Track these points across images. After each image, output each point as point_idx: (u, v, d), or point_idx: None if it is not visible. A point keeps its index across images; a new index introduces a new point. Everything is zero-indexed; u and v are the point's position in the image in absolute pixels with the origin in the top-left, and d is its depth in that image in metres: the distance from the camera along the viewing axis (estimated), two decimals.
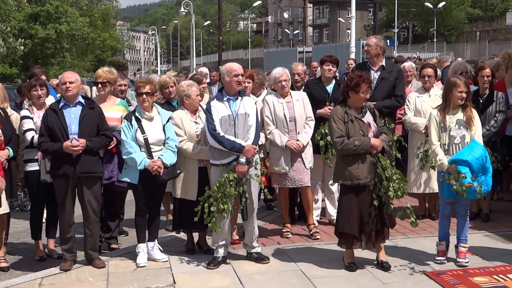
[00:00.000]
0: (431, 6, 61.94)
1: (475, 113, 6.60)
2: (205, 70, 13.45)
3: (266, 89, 9.06)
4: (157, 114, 6.88)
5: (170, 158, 6.74)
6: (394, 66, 8.87)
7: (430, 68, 8.44)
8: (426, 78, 8.35)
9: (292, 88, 7.95)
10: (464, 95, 6.51)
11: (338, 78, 8.73)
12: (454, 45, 61.19)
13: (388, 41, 48.05)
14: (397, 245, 7.21)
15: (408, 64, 10.18)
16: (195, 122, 7.00)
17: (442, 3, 62.20)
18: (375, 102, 7.67)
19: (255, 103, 6.96)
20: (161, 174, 6.65)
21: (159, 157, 6.68)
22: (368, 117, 6.45)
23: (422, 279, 6.24)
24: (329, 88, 8.06)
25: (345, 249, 6.58)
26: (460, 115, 6.57)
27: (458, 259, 6.60)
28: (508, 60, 8.58)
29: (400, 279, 6.25)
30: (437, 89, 8.43)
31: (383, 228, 6.46)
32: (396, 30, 58.80)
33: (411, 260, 6.77)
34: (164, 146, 6.78)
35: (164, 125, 6.82)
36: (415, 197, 8.85)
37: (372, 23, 60.73)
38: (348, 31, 30.53)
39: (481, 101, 8.00)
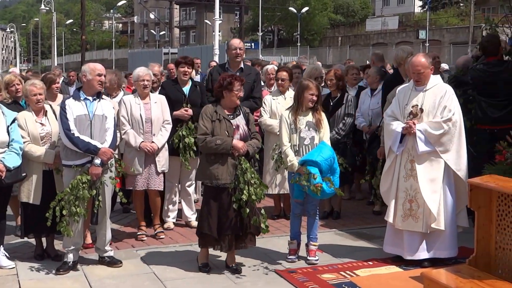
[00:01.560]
0: (295, 11, 63.46)
1: (323, 116, 6.83)
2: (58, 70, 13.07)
3: (123, 90, 8.92)
4: (1, 114, 6.58)
5: (13, 161, 6.44)
6: (252, 69, 9.07)
7: (285, 71, 8.64)
8: (280, 81, 8.54)
9: None
10: (315, 98, 6.71)
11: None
12: (317, 50, 63.14)
13: (253, 44, 48.81)
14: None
15: (270, 67, 10.38)
16: (41, 124, 6.77)
17: (306, 9, 63.92)
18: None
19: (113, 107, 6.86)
20: (2, 177, 6.37)
21: (0, 160, 6.39)
22: (239, 120, 6.48)
23: (273, 278, 6.36)
24: (185, 89, 8.07)
25: (201, 248, 6.58)
26: (310, 117, 6.76)
27: (308, 257, 6.79)
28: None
29: (252, 278, 6.34)
30: (292, 92, 8.63)
31: (245, 234, 6.43)
32: (260, 34, 59.77)
33: (264, 259, 6.89)
34: (8, 148, 6.49)
35: (8, 126, 6.52)
36: (270, 198, 9.03)
37: (238, 25, 61.45)
38: (218, 33, 30.73)
39: (331, 104, 8.28)
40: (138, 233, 7.76)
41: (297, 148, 6.74)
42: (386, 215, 6.74)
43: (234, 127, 6.40)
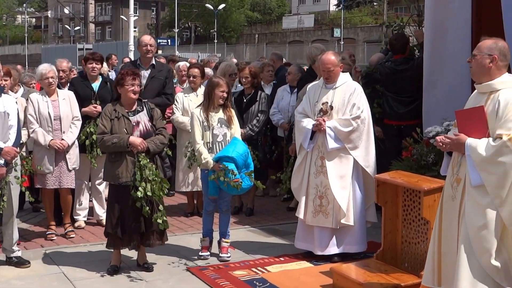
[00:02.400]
0: (212, 8, 63.38)
1: (233, 112, 6.86)
2: None
3: (22, 86, 8.68)
4: None
5: None
6: (164, 65, 9.04)
7: (197, 68, 8.62)
8: (192, 78, 8.52)
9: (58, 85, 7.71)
10: (225, 94, 6.72)
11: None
12: (235, 47, 63.26)
13: (169, 40, 48.47)
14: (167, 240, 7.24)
15: (182, 64, 10.34)
16: None
17: (222, 6, 63.92)
18: (146, 100, 7.67)
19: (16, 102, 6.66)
20: None
21: None
22: (140, 117, 6.39)
23: (185, 275, 6.34)
24: (95, 86, 7.93)
25: (112, 249, 6.49)
26: (221, 114, 6.77)
27: (220, 254, 6.79)
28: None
29: (164, 276, 6.30)
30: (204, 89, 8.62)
31: (151, 232, 6.35)
32: (176, 30, 59.43)
33: (176, 257, 6.86)
34: None
35: None
36: (184, 195, 9.01)
37: (155, 22, 60.91)
38: (133, 29, 30.33)
39: (245, 101, 8.32)
40: (48, 232, 7.58)
41: (210, 146, 6.73)
42: (297, 211, 6.82)
43: (133, 124, 6.32)
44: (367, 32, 57.79)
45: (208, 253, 6.85)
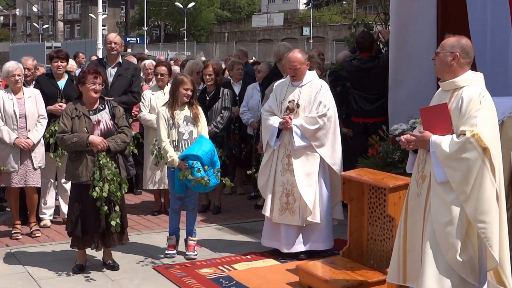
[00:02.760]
0: (181, 6, 63.15)
1: (200, 110, 6.83)
2: None
3: None
4: None
5: None
6: (131, 63, 9.00)
7: (164, 66, 8.60)
8: (160, 76, 8.49)
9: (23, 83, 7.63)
10: (189, 92, 6.69)
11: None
12: (204, 45, 63.08)
13: (138, 39, 48.23)
14: (130, 241, 7.15)
15: (148, 62, 10.29)
16: None
17: (192, 4, 63.73)
18: (112, 98, 7.64)
19: None
20: None
21: None
22: (101, 115, 6.33)
23: (151, 274, 6.31)
24: (61, 83, 7.86)
25: (77, 249, 6.43)
26: (187, 112, 6.74)
27: (187, 252, 6.77)
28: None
29: (130, 275, 6.26)
30: None
31: (111, 232, 6.26)
32: (145, 28, 59.15)
33: (143, 255, 6.82)
34: None
35: None
36: (151, 193, 8.96)
37: (124, 20, 60.55)
38: (102, 27, 29.99)
39: (208, 98, 8.32)
40: (13, 231, 7.49)
41: (176, 144, 6.70)
42: (264, 209, 6.82)
43: (94, 123, 6.26)
44: (336, 30, 58.02)
45: (175, 251, 6.82)
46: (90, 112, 6.30)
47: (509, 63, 6.56)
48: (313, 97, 6.61)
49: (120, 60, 8.50)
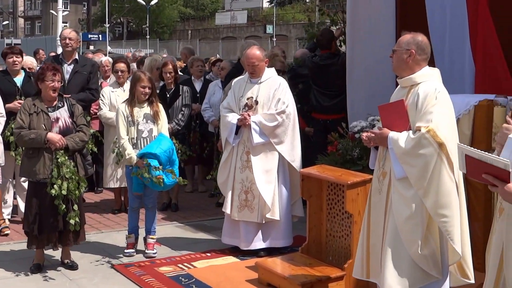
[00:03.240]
0: (144, 3, 62.71)
1: (161, 108, 6.78)
2: None
3: None
4: None
5: None
6: (88, 60, 8.90)
7: (123, 63, 8.52)
8: (120, 73, 8.41)
9: None
10: (147, 90, 6.64)
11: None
12: (167, 42, 62.76)
13: (100, 36, 47.73)
14: (89, 241, 7.09)
15: (105, 59, 10.19)
16: None
17: (155, 1, 63.32)
18: (69, 96, 7.54)
19: None
20: None
21: None
22: (60, 113, 6.24)
23: (110, 273, 6.25)
24: (18, 80, 7.72)
25: (34, 249, 6.34)
26: (147, 109, 6.69)
27: (146, 251, 6.73)
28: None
29: (88, 274, 6.19)
30: None
31: (68, 231, 6.17)
32: (107, 25, 58.57)
33: (102, 254, 6.76)
34: None
35: None
36: (111, 191, 8.88)
37: (86, 17, 59.89)
38: (63, 24, 29.49)
39: (168, 96, 8.28)
40: None
41: (135, 141, 6.65)
42: (224, 206, 6.81)
43: (52, 120, 6.18)
44: (300, 29, 58.07)
45: (134, 250, 6.77)
46: (49, 109, 6.21)
47: (466, 61, 6.64)
48: (272, 94, 6.61)
49: (76, 56, 8.38)
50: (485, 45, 6.40)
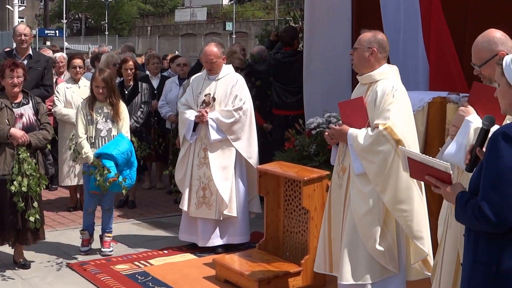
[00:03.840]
0: None
1: (122, 107, 6.70)
2: None
3: None
4: None
5: None
6: (42, 55, 8.76)
7: (79, 59, 8.42)
8: (78, 69, 8.31)
9: None
10: (100, 90, 6.56)
11: None
12: (127, 39, 62.18)
13: (57, 31, 47.18)
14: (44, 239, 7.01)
15: (59, 55, 10.08)
16: None
17: None
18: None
19: None
20: None
21: None
22: (24, 109, 6.13)
23: (64, 271, 6.17)
24: None
25: None
26: (107, 108, 6.62)
27: (102, 249, 6.65)
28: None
29: (42, 273, 6.10)
30: (85, 80, 8.41)
31: (27, 230, 6.07)
32: (65, 21, 57.86)
33: (57, 253, 6.67)
34: None
35: None
36: (67, 189, 8.77)
37: (43, 12, 59.11)
38: (19, 19, 29.09)
39: (126, 93, 8.21)
40: None
41: (93, 140, 6.56)
42: (181, 203, 6.77)
43: (16, 116, 6.08)
44: (259, 26, 58.11)
45: (89, 247, 6.69)
46: (13, 104, 6.11)
47: (420, 58, 6.73)
48: (229, 91, 6.60)
49: (30, 52, 8.25)
50: (438, 43, 6.50)
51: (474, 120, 3.52)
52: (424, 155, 3.37)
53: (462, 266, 3.11)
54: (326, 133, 4.81)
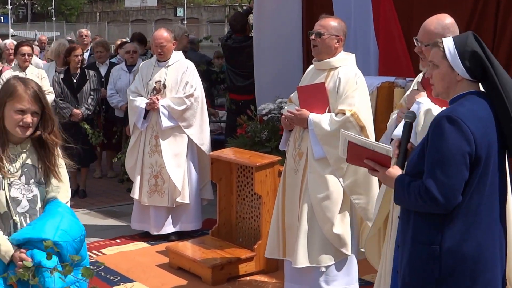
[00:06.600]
0: None
1: (58, 152, 6.46)
2: None
3: None
4: None
5: None
6: None
7: (27, 46, 8.28)
8: (26, 57, 8.16)
9: None
10: (28, 119, 6.21)
11: None
12: (75, 25, 61.25)
13: (2, 18, 46.18)
14: None
15: (8, 42, 9.90)
16: None
17: None
18: None
19: None
20: None
21: None
22: None
23: None
24: None
25: None
26: (31, 154, 6.38)
27: None
28: None
29: None
30: (34, 68, 8.27)
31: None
32: (10, 7, 56.72)
33: None
34: None
35: None
36: None
37: None
38: None
39: (75, 81, 8.12)
40: None
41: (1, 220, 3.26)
42: (132, 192, 6.72)
43: None
44: (211, 12, 57.99)
45: None
46: None
47: (371, 44, 6.80)
48: (180, 78, 6.57)
49: None
50: (387, 28, 6.58)
51: (424, 102, 3.58)
52: (365, 138, 3.43)
53: (399, 248, 3.15)
54: (283, 117, 4.80)
